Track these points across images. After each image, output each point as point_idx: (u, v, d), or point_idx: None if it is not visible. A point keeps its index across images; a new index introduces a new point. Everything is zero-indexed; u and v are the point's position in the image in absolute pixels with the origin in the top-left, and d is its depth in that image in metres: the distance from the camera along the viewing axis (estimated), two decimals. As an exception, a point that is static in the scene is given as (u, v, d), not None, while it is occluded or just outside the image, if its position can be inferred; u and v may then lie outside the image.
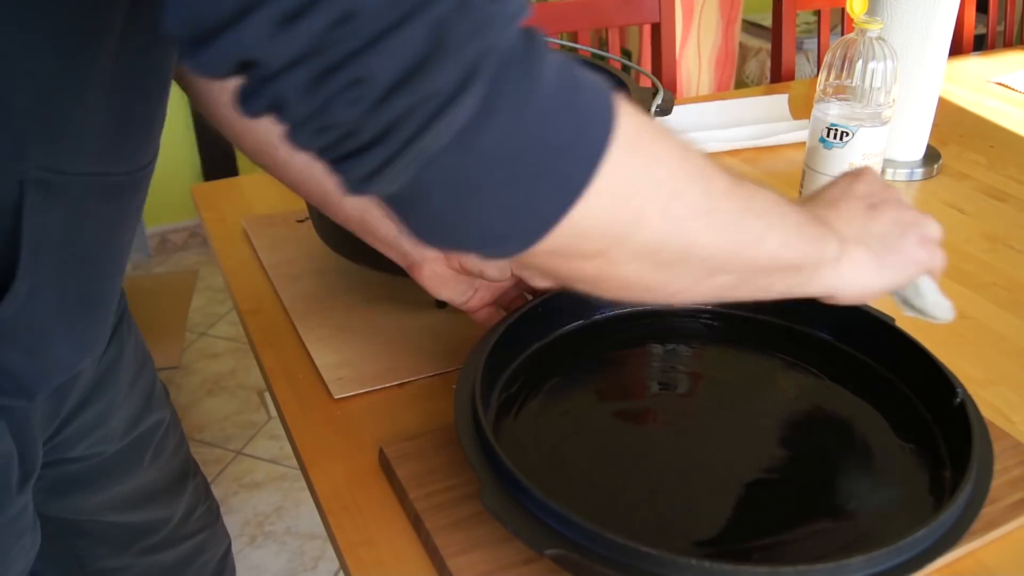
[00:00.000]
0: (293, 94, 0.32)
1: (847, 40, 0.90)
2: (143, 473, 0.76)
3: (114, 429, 0.72)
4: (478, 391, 0.57)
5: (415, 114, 0.33)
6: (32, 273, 0.48)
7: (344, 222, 0.68)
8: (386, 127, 0.33)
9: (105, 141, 0.50)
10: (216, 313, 2.35)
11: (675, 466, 0.61)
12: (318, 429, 0.67)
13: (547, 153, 0.36)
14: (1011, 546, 0.57)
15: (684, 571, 0.47)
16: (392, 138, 0.33)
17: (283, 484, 1.80)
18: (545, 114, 0.36)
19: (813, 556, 0.51)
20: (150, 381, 0.77)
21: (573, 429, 0.64)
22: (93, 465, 0.71)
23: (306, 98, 0.32)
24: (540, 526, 0.49)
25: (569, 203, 0.37)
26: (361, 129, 0.33)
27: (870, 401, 0.66)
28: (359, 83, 0.32)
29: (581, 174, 0.37)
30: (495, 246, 0.39)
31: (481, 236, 0.38)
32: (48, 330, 0.53)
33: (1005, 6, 1.82)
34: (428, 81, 0.32)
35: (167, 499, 0.81)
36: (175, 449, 0.81)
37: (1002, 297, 0.86)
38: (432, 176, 0.35)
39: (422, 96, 0.33)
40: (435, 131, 0.33)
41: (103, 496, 0.74)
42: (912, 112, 1.10)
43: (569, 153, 0.37)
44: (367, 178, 0.35)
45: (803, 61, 2.48)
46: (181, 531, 0.83)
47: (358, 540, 0.58)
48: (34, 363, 0.54)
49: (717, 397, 0.68)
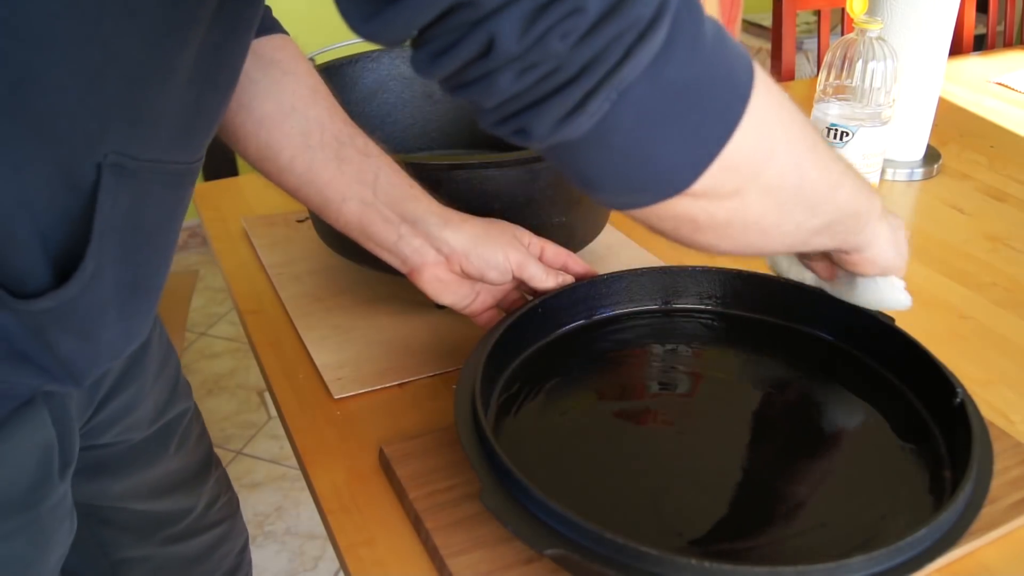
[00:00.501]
0: (509, 30, 0.33)
1: (847, 40, 0.90)
2: (169, 461, 0.77)
3: (142, 417, 0.72)
4: (478, 391, 0.57)
5: (618, 43, 0.35)
6: (98, 255, 0.49)
7: (343, 228, 0.67)
8: (591, 59, 0.35)
9: (176, 130, 0.51)
10: (216, 313, 2.36)
11: (675, 466, 0.61)
12: (318, 429, 0.67)
13: (711, 87, 0.40)
14: (1011, 546, 0.57)
15: (684, 571, 0.47)
16: (595, 70, 0.35)
17: (283, 484, 1.80)
18: (710, 50, 0.39)
19: (813, 556, 0.51)
20: (174, 372, 0.78)
21: (573, 429, 0.64)
22: (121, 451, 0.72)
23: (523, 33, 0.33)
24: (540, 526, 0.49)
25: (728, 134, 0.41)
26: (567, 63, 0.35)
27: (870, 401, 0.66)
28: (575, 13, 0.33)
29: (736, 108, 0.41)
30: (662, 184, 0.42)
31: (653, 173, 0.42)
32: (102, 315, 0.53)
33: (1005, 6, 1.82)
34: (632, 10, 0.34)
35: (191, 488, 0.82)
36: (198, 439, 0.83)
37: (1002, 297, 0.86)
38: (622, 111, 0.37)
39: (626, 25, 0.35)
40: (634, 61, 0.36)
41: (130, 482, 0.75)
42: (912, 112, 1.10)
43: (727, 88, 0.41)
44: (565, 117, 0.36)
45: (803, 61, 2.48)
46: (203, 521, 0.84)
47: (358, 540, 0.58)
48: (85, 348, 0.54)
49: (717, 397, 0.68)
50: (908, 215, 1.04)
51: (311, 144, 0.65)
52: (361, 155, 0.66)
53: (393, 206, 0.66)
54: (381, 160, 0.67)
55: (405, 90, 0.93)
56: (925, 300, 0.85)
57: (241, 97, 0.64)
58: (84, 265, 0.48)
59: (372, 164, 0.66)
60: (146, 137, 0.49)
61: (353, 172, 0.66)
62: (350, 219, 0.66)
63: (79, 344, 0.53)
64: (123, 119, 0.47)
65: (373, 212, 0.66)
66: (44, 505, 0.57)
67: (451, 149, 0.96)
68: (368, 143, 0.67)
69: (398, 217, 0.66)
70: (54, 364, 0.53)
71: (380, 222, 0.66)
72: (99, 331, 0.54)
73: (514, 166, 0.71)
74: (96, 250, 0.49)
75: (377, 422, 0.67)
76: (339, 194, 0.66)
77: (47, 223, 0.47)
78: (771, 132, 0.44)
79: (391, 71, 0.92)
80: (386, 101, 0.93)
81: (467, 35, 0.33)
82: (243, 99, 0.64)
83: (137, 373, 0.70)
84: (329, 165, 0.65)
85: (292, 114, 0.65)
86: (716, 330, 0.74)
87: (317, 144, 0.65)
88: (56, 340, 0.51)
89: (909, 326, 0.67)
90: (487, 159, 0.71)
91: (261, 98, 0.65)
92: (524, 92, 0.36)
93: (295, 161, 0.65)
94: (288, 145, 0.65)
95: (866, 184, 0.56)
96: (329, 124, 0.66)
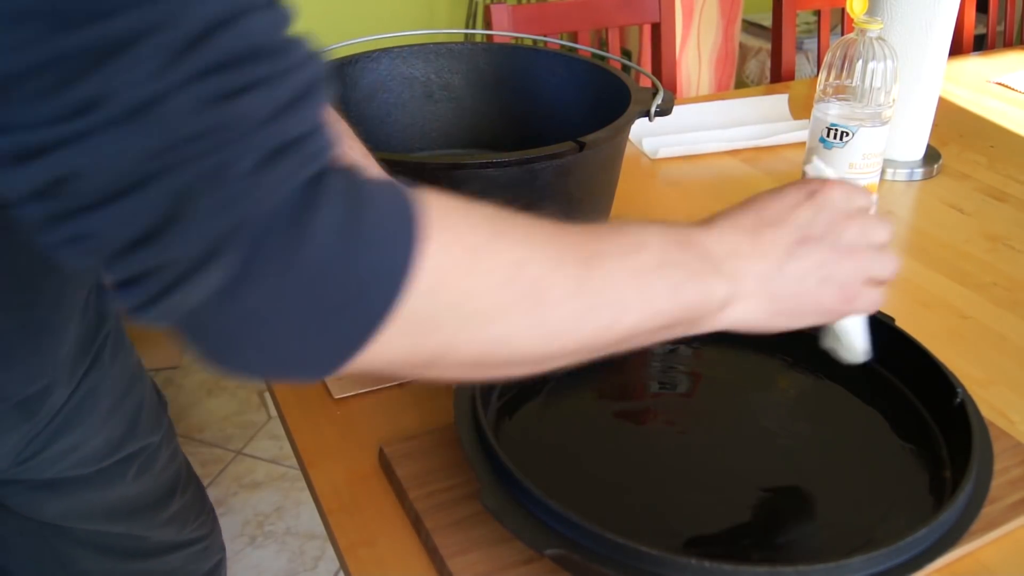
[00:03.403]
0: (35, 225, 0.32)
1: (847, 40, 0.89)
2: (126, 488, 0.74)
3: (90, 455, 0.70)
4: (478, 391, 0.57)
5: (161, 272, 0.32)
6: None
7: None
8: (134, 275, 0.32)
9: None
10: (216, 313, 2.35)
11: (675, 466, 0.61)
12: (318, 429, 0.67)
13: (323, 311, 0.34)
14: (1011, 546, 0.57)
15: (684, 571, 0.47)
16: (142, 287, 0.32)
17: (283, 484, 1.80)
18: (317, 276, 0.34)
19: (813, 556, 0.51)
20: (135, 406, 0.74)
21: (573, 429, 0.64)
22: (70, 480, 0.69)
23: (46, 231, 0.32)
24: (540, 526, 0.49)
25: (348, 356, 0.36)
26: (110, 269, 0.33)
27: (870, 401, 0.66)
28: (87, 238, 0.31)
29: (360, 332, 0.35)
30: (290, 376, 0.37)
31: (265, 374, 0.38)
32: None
33: (1005, 6, 1.82)
34: (166, 248, 0.31)
35: (153, 512, 0.79)
36: (164, 465, 0.79)
37: (1002, 297, 0.86)
38: (199, 323, 0.34)
39: (162, 260, 0.32)
40: (185, 291, 0.32)
41: (82, 505, 0.72)
42: (912, 112, 1.10)
43: (347, 312, 0.35)
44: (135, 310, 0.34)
45: (803, 61, 2.48)
46: (169, 543, 0.81)
47: (358, 540, 0.58)
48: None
49: (717, 397, 0.68)
50: (908, 215, 1.04)
51: None
52: None
53: None
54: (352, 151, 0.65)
55: (405, 90, 0.93)
56: (925, 300, 0.85)
57: None
58: None
59: None
60: None
61: None
62: None
63: None
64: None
65: None
66: None
67: (451, 149, 0.96)
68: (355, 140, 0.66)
69: None
70: None
71: None
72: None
73: (514, 166, 0.71)
74: None
75: (377, 422, 0.67)
76: None
77: None
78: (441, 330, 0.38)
79: (391, 71, 0.92)
80: (386, 101, 0.93)
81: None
82: None
83: (86, 413, 0.67)
84: None
85: None
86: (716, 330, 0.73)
87: None
88: None
89: (909, 326, 0.67)
90: (487, 159, 0.71)
91: None
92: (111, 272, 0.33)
93: None
94: None
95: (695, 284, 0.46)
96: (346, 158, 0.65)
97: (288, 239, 0.33)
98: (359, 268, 0.35)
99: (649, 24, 1.44)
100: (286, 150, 0.33)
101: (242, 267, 0.32)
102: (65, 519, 0.72)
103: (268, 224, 0.32)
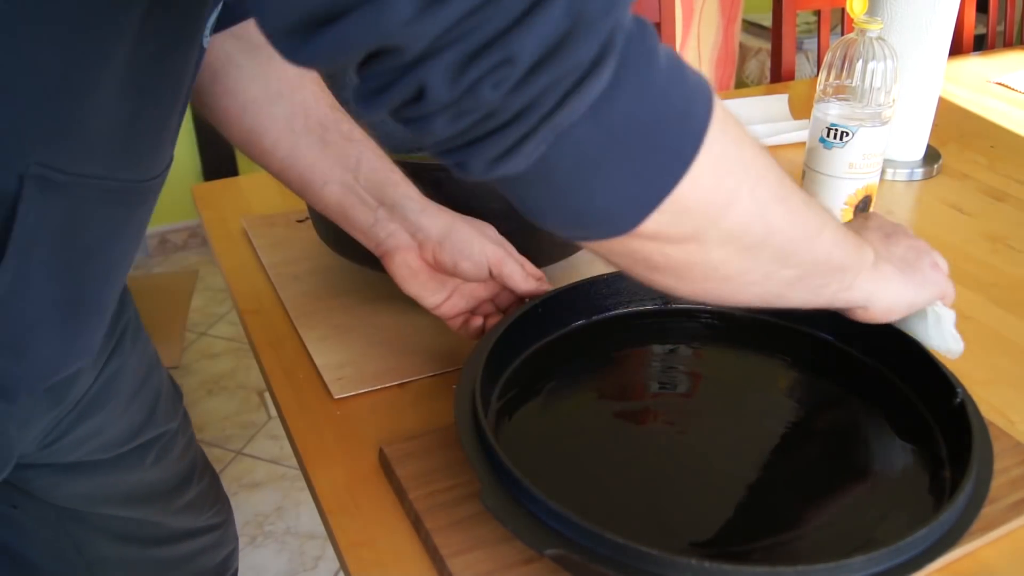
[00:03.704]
0: (438, 79, 0.32)
1: (847, 40, 0.89)
2: (144, 473, 0.76)
3: (112, 439, 0.71)
4: (478, 391, 0.57)
5: (555, 89, 0.34)
6: (18, 266, 0.48)
7: (324, 210, 0.68)
8: (525, 105, 0.34)
9: (112, 146, 0.50)
10: (216, 313, 2.36)
11: (675, 466, 0.61)
12: (318, 429, 0.67)
13: (662, 126, 0.38)
14: (1011, 546, 0.57)
15: (684, 571, 0.46)
16: (530, 115, 0.34)
17: (283, 484, 1.80)
18: (662, 88, 0.37)
19: (813, 556, 0.51)
20: (154, 393, 0.76)
21: (573, 429, 0.64)
22: (90, 463, 0.71)
23: (453, 82, 0.32)
24: (540, 526, 0.49)
25: (679, 175, 0.38)
26: (501, 109, 0.34)
27: (870, 401, 0.66)
28: (506, 63, 0.32)
29: (689, 147, 0.38)
30: (608, 222, 0.40)
31: (597, 210, 0.40)
32: (31, 329, 0.52)
33: (1005, 6, 1.82)
34: (569, 56, 0.33)
35: (169, 499, 0.81)
36: (181, 453, 0.81)
37: (1002, 297, 0.86)
38: (561, 151, 0.36)
39: (563, 72, 0.33)
40: (572, 105, 0.34)
41: (99, 488, 0.74)
42: (912, 112, 1.10)
43: (679, 126, 0.38)
44: (499, 158, 0.35)
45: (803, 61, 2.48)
46: (184, 530, 0.83)
47: (358, 540, 0.58)
48: (14, 363, 0.53)
49: (717, 397, 0.68)
50: (908, 215, 1.04)
51: (295, 129, 0.65)
52: (345, 140, 0.66)
53: (373, 190, 0.66)
54: (365, 145, 0.67)
55: (405, 90, 0.93)
56: (925, 300, 0.85)
57: (226, 82, 0.64)
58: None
59: (355, 149, 0.66)
60: (75, 151, 0.48)
61: (335, 156, 0.66)
62: (330, 201, 0.67)
63: (7, 359, 0.52)
64: (44, 130, 0.46)
65: (353, 195, 0.66)
66: None
67: (451, 149, 0.96)
68: (354, 128, 0.67)
69: (376, 201, 0.66)
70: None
71: (359, 205, 0.66)
72: (30, 346, 0.53)
73: (514, 166, 0.71)
74: (14, 261, 0.47)
75: (377, 422, 0.67)
76: (321, 177, 0.66)
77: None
78: (730, 174, 0.42)
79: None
80: (386, 101, 0.92)
81: (398, 80, 0.33)
82: (228, 84, 0.65)
83: (109, 397, 0.69)
84: (312, 149, 0.66)
85: (278, 99, 0.65)
86: (716, 330, 0.74)
87: (301, 129, 0.65)
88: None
89: (909, 326, 0.67)
90: (487, 159, 0.71)
91: (246, 83, 0.65)
92: (459, 135, 0.35)
93: (278, 145, 0.66)
94: (272, 128, 0.65)
95: (852, 237, 0.54)
96: (314, 109, 0.66)
97: (644, 47, 0.36)
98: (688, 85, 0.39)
99: (649, 24, 1.44)
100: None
101: (613, 75, 0.35)
102: (85, 504, 0.73)
103: (631, 31, 0.36)
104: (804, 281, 0.51)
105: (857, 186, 0.89)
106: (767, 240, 0.45)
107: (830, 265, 0.52)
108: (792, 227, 0.47)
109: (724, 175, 0.41)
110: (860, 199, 0.90)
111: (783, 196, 0.45)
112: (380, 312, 0.79)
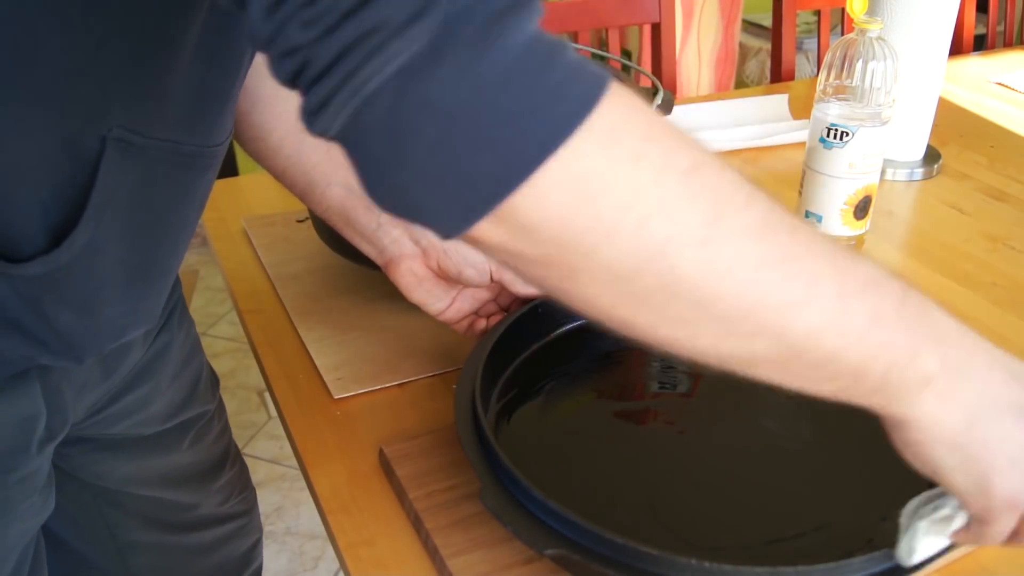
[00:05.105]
0: (256, 15, 0.33)
1: (847, 40, 0.89)
2: (181, 455, 0.78)
3: (154, 414, 0.73)
4: (478, 391, 0.57)
5: (361, 45, 0.32)
6: (94, 227, 0.49)
7: (325, 213, 0.68)
8: (336, 56, 0.32)
9: (184, 110, 0.51)
10: (216, 313, 2.35)
11: (675, 466, 0.61)
12: (318, 429, 0.67)
13: (495, 120, 0.33)
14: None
15: (684, 571, 0.47)
16: (336, 69, 0.32)
17: (283, 484, 1.80)
18: (501, 77, 0.32)
19: (813, 556, 0.51)
20: (195, 374, 0.78)
21: (573, 429, 0.64)
22: (131, 439, 0.72)
23: (266, 17, 0.33)
24: (540, 526, 0.49)
25: (511, 184, 0.33)
26: (314, 57, 0.33)
27: (870, 401, 0.66)
28: (312, 3, 0.32)
29: (530, 153, 0.33)
30: (432, 216, 0.35)
31: (418, 199, 0.35)
32: (101, 290, 0.53)
33: (1005, 6, 1.82)
34: (378, 10, 0.31)
35: (202, 482, 0.82)
36: (218, 436, 0.82)
37: (1002, 297, 0.86)
38: (370, 120, 0.33)
39: (370, 25, 0.31)
40: (375, 64, 0.32)
41: (138, 468, 0.75)
42: (912, 112, 1.10)
43: (520, 126, 0.33)
44: (313, 112, 0.34)
45: (803, 61, 2.48)
46: (214, 515, 0.84)
47: (358, 540, 0.58)
48: (85, 324, 0.54)
49: (717, 397, 0.68)
50: (908, 215, 1.04)
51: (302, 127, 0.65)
52: None
53: None
54: None
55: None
56: (925, 300, 0.85)
57: None
58: (75, 234, 0.48)
59: None
60: (152, 114, 0.49)
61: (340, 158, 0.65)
62: (332, 203, 0.67)
63: (78, 319, 0.54)
64: (127, 93, 0.47)
65: (356, 198, 0.66)
66: (13, 475, 0.58)
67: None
68: None
69: None
70: (51, 337, 0.53)
71: (362, 209, 0.66)
72: (100, 307, 0.54)
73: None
74: (91, 222, 0.49)
75: (377, 422, 0.67)
76: (324, 178, 0.66)
77: (49, 192, 0.47)
78: (606, 195, 0.34)
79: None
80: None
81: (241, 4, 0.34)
82: None
83: (155, 371, 0.70)
84: (317, 149, 0.66)
85: (288, 97, 0.65)
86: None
87: None
88: (53, 312, 0.52)
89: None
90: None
91: (257, 79, 0.65)
92: (292, 77, 0.34)
93: (284, 142, 0.66)
94: (279, 126, 0.66)
95: (906, 332, 0.41)
96: None
97: (489, 26, 0.32)
98: (543, 85, 0.33)
99: (649, 24, 1.44)
100: None
101: (431, 45, 0.31)
102: (123, 484, 0.74)
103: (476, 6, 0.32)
104: (783, 366, 0.41)
105: (857, 186, 0.89)
106: (675, 291, 0.36)
107: (817, 356, 0.40)
108: (723, 283, 0.36)
109: (592, 196, 0.34)
110: (860, 199, 0.90)
111: (704, 239, 0.35)
112: (380, 312, 0.79)
